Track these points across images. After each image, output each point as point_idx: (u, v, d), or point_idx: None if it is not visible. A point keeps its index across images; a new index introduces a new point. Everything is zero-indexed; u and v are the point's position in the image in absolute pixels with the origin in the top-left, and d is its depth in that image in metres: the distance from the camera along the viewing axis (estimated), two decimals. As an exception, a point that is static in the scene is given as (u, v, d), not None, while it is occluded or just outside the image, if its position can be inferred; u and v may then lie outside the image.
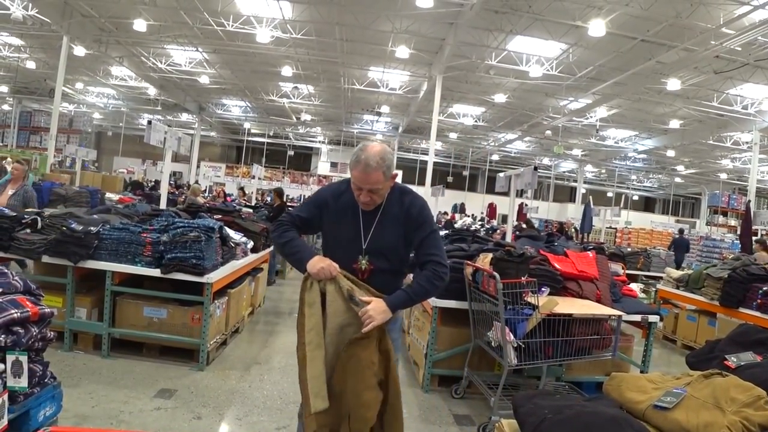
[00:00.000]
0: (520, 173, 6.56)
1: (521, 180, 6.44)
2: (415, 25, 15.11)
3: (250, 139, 35.58)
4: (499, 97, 21.11)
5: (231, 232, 6.08)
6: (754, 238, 13.92)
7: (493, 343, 4.29)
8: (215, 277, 5.00)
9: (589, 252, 6.01)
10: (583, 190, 35.67)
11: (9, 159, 14.61)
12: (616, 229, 27.09)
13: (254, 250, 6.77)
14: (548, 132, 25.63)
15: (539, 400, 2.57)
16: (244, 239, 6.44)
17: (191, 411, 4.07)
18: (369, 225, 2.73)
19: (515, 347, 4.07)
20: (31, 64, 23.60)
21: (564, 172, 40.55)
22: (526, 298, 4.16)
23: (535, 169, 6.21)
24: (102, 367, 4.80)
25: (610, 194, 38.33)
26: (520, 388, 4.76)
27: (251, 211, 9.45)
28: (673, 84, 15.53)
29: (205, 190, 24.19)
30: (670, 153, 28.00)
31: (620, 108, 21.19)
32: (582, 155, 33.35)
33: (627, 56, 14.87)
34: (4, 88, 28.62)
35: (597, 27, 12.30)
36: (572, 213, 33.33)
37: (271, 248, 7.67)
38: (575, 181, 37.49)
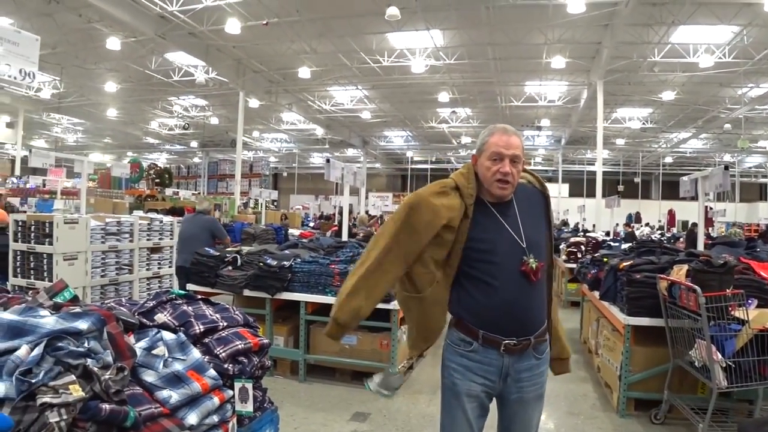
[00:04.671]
0: (707, 174, 6.01)
1: (710, 182, 5.89)
2: (568, 33, 14.62)
3: (413, 166, 36.62)
4: (667, 95, 19.59)
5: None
6: None
7: (696, 363, 3.94)
8: (400, 304, 5.17)
9: (800, 256, 5.34)
10: (775, 187, 31.84)
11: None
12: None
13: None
14: (727, 125, 23.21)
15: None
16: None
17: (388, 436, 4.21)
18: (511, 216, 2.27)
19: (724, 367, 3.71)
20: (214, 120, 26.57)
21: (750, 168, 36.40)
22: (732, 312, 3.79)
23: (726, 168, 5.65)
24: (300, 390, 5.17)
25: (809, 188, 33.77)
26: (729, 412, 4.32)
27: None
28: None
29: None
30: None
31: (812, 88, 18.62)
32: (771, 147, 29.81)
33: (814, 28, 13.09)
34: (195, 143, 32.38)
35: (775, 0, 10.98)
36: (764, 213, 29.81)
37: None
38: (765, 176, 33.53)
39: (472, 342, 2.24)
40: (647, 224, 26.28)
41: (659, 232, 20.83)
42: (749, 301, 4.15)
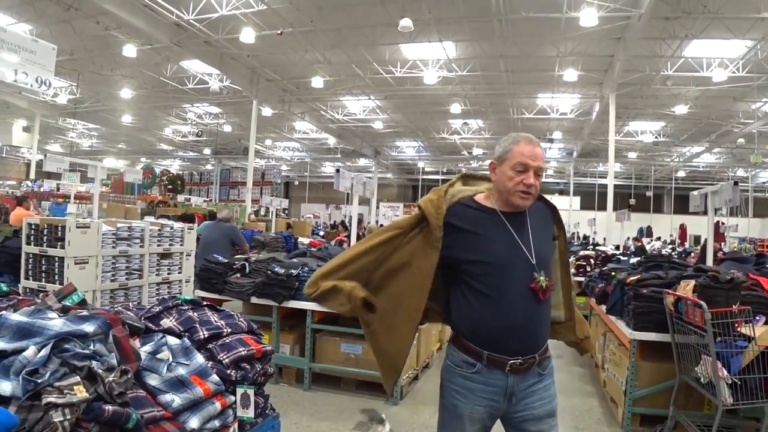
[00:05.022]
0: (717, 189, 5.99)
1: (720, 197, 5.87)
2: (581, 46, 14.65)
3: (425, 177, 36.72)
4: (680, 109, 19.53)
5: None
6: None
7: (702, 380, 3.91)
8: (406, 314, 5.18)
9: (810, 273, 5.30)
10: (790, 201, 31.57)
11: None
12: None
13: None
14: (741, 140, 23.08)
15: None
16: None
17: (390, 446, 4.21)
18: (523, 230, 2.21)
19: (729, 384, 3.68)
20: (227, 128, 26.79)
21: (764, 183, 36.14)
22: (739, 329, 3.77)
23: (736, 184, 5.63)
24: (305, 399, 5.19)
25: (828, 203, 33.44)
26: (735, 430, 4.28)
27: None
28: None
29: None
30: None
31: (828, 102, 18.48)
32: (785, 162, 29.56)
33: (830, 42, 13.02)
34: (207, 150, 32.65)
35: (788, 15, 10.95)
36: (779, 228, 29.57)
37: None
38: (779, 191, 33.32)
39: (475, 363, 2.16)
40: (659, 238, 26.12)
41: (670, 246, 20.69)
42: (756, 318, 4.13)
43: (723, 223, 23.52)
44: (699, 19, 12.31)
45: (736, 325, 3.76)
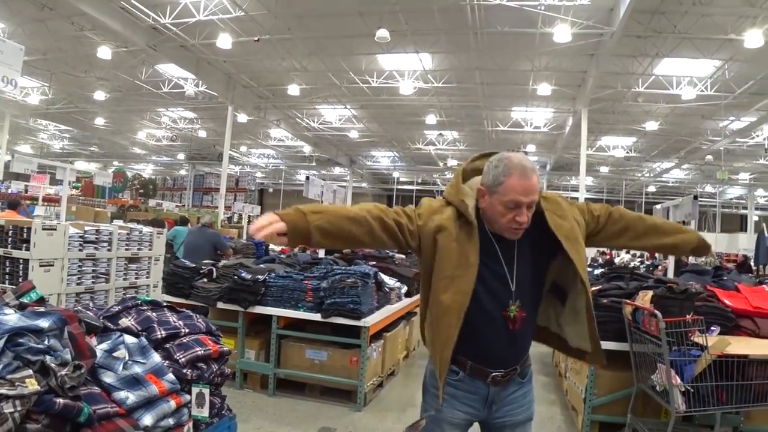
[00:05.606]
0: (678, 204, 6.17)
1: (680, 211, 6.06)
2: (555, 61, 14.92)
3: (399, 187, 36.82)
4: (651, 125, 19.98)
5: (385, 278, 6.34)
6: None
7: (658, 388, 4.02)
8: (371, 320, 5.23)
9: (765, 286, 5.47)
10: (756, 218, 32.31)
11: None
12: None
13: (408, 294, 6.97)
14: (709, 157, 23.67)
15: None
16: (398, 284, 6.69)
17: (352, 451, 4.24)
18: (509, 257, 2.12)
19: (683, 392, 3.79)
20: (202, 133, 26.60)
21: (731, 199, 37.01)
22: (692, 338, 3.88)
23: (695, 198, 5.81)
24: (268, 404, 5.19)
25: (788, 220, 34.28)
26: (691, 437, 4.41)
27: (404, 257, 9.76)
28: None
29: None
30: None
31: (792, 122, 19.02)
32: (751, 179, 30.31)
33: (794, 64, 13.45)
34: (181, 156, 32.37)
35: (754, 38, 11.20)
36: (744, 244, 30.15)
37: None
38: (745, 208, 34.12)
39: (458, 371, 2.16)
40: (629, 251, 26.51)
41: (639, 259, 21.03)
42: (711, 329, 4.26)
43: (690, 238, 23.91)
44: (669, 38, 12.65)
45: (690, 334, 3.88)
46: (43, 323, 1.75)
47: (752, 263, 18.26)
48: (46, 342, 1.74)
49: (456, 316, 2.04)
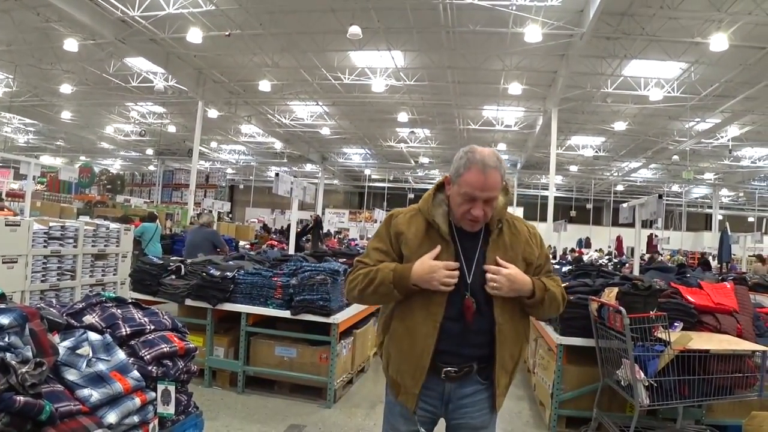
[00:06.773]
0: (644, 202, 6.29)
1: (646, 210, 6.17)
2: (526, 61, 15.08)
3: (371, 184, 36.89)
4: (619, 125, 20.37)
5: (355, 275, 6.32)
6: None
7: (622, 382, 4.10)
8: (341, 317, 5.22)
9: (726, 283, 5.62)
10: (720, 217, 33.18)
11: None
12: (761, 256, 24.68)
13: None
14: (675, 157, 24.24)
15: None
16: (367, 281, 6.68)
17: (322, 448, 4.24)
18: (469, 246, 2.15)
19: (646, 386, 3.87)
20: (172, 128, 26.24)
21: (696, 198, 37.94)
22: (656, 334, 3.97)
23: (660, 197, 5.93)
24: (237, 402, 5.15)
25: (751, 219, 35.16)
26: (655, 431, 4.50)
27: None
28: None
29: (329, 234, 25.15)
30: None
31: (754, 125, 19.51)
32: (715, 179, 31.13)
33: (756, 68, 13.75)
34: (150, 151, 31.87)
35: (719, 41, 11.49)
36: (708, 242, 30.99)
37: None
38: (710, 207, 34.99)
39: None
40: (599, 249, 26.96)
41: (607, 257, 21.40)
42: (675, 324, 4.36)
43: (656, 236, 24.53)
44: (638, 40, 12.89)
45: (654, 330, 3.96)
46: (3, 320, 1.71)
47: (711, 260, 18.75)
48: (6, 339, 1.70)
49: (432, 326, 2.10)
